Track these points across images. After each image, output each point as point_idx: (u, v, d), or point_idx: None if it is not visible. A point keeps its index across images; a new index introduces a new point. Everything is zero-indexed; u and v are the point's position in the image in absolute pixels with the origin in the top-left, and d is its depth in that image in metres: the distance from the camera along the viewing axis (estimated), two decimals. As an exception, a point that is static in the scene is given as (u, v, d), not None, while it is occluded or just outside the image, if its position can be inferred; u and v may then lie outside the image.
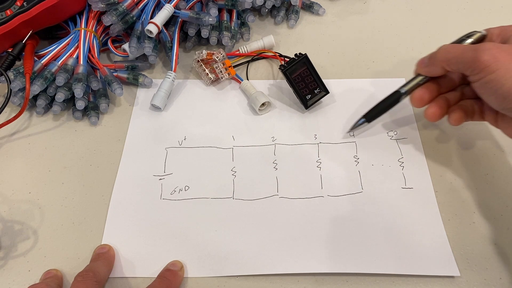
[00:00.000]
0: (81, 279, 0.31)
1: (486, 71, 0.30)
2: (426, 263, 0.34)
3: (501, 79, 0.29)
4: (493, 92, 0.30)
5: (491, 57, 0.29)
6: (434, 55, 0.35)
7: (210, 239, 0.36)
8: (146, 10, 0.46)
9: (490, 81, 0.30)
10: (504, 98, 0.30)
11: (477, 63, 0.30)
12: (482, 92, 0.32)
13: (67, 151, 0.42)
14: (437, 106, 0.36)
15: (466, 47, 0.32)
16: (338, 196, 0.38)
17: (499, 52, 0.29)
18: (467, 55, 0.31)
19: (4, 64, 0.43)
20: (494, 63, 0.29)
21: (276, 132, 0.43)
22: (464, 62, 0.31)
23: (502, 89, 0.29)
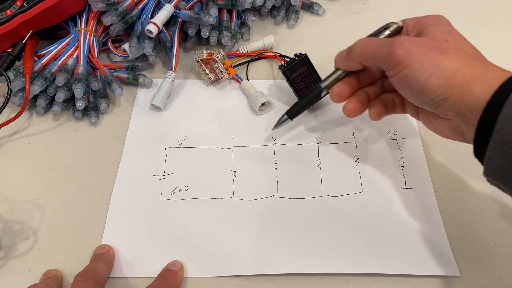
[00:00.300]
0: (81, 279, 0.31)
1: (401, 66, 0.29)
2: (426, 263, 0.34)
3: (415, 74, 0.28)
4: (408, 87, 0.30)
5: (404, 51, 0.29)
6: (351, 49, 0.33)
7: (210, 239, 0.36)
8: (146, 10, 0.46)
9: (404, 76, 0.29)
10: (419, 92, 0.29)
11: (392, 58, 0.29)
12: (399, 87, 0.31)
13: (67, 151, 0.42)
14: (356, 101, 0.35)
15: (382, 42, 0.31)
16: (338, 196, 0.38)
17: (413, 46, 0.29)
18: (382, 50, 0.30)
19: (4, 64, 0.43)
20: (408, 58, 0.28)
21: (276, 132, 0.43)
22: (380, 57, 0.30)
23: (416, 84, 0.29)
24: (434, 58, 0.28)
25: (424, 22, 0.32)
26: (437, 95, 0.28)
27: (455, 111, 0.28)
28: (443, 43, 0.29)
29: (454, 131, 0.30)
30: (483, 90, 0.26)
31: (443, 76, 0.27)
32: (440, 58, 0.28)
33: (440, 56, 0.28)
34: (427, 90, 0.28)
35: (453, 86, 0.27)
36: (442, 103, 0.28)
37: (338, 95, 0.36)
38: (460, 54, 0.28)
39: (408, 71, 0.29)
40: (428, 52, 0.28)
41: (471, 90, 0.27)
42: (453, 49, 0.29)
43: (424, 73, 0.28)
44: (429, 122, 0.33)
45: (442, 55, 0.28)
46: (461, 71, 0.27)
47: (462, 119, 0.28)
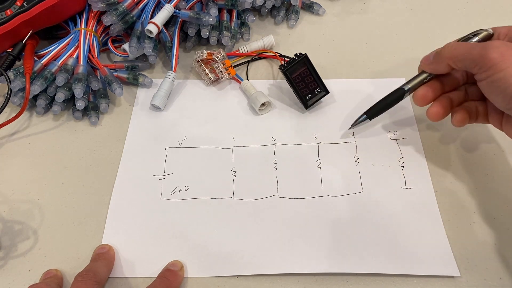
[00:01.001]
0: (81, 279, 0.31)
1: (494, 69, 0.29)
2: (426, 263, 0.34)
3: (510, 78, 0.28)
4: (500, 91, 0.29)
5: (499, 55, 0.29)
6: (440, 52, 0.34)
7: (210, 239, 0.36)
8: (146, 10, 0.46)
9: (497, 80, 0.29)
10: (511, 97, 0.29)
11: (485, 60, 0.29)
12: (489, 91, 0.31)
13: (67, 151, 0.42)
14: (440, 106, 0.35)
15: (474, 45, 0.31)
16: (338, 196, 0.38)
17: (508, 50, 0.29)
18: (475, 52, 0.30)
19: (4, 64, 0.43)
20: (503, 61, 0.28)
21: (276, 132, 0.43)
22: (472, 59, 0.30)
23: (510, 88, 0.28)
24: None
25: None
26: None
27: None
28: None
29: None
30: None
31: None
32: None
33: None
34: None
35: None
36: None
37: (422, 98, 0.36)
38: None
39: (502, 75, 0.28)
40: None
41: None
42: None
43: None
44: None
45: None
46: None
47: None
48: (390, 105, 0.39)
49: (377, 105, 0.39)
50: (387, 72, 0.47)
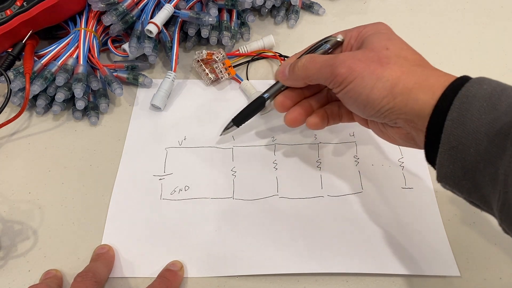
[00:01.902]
0: (80, 280, 0.31)
1: (344, 83, 0.29)
2: (426, 263, 0.34)
3: (358, 88, 0.29)
4: (353, 102, 0.30)
5: (346, 69, 0.29)
6: (293, 71, 0.34)
7: (210, 239, 0.36)
8: (146, 10, 0.46)
9: (348, 91, 0.30)
10: (364, 106, 0.29)
11: (336, 77, 0.30)
12: (345, 102, 0.31)
13: (67, 151, 0.42)
14: (299, 111, 0.36)
15: (323, 63, 0.31)
16: (338, 196, 0.38)
17: (354, 62, 0.29)
18: (325, 71, 0.31)
19: (4, 64, 0.43)
20: (351, 74, 0.29)
21: (276, 132, 0.43)
22: (324, 78, 0.31)
23: (360, 98, 0.29)
24: (375, 70, 0.28)
25: (364, 32, 0.33)
26: (382, 106, 0.28)
27: (403, 119, 0.28)
28: (384, 51, 0.29)
29: (405, 138, 0.30)
30: (427, 97, 0.26)
31: (385, 87, 0.28)
32: (381, 69, 0.28)
33: (381, 67, 0.28)
34: (371, 103, 0.28)
35: (396, 96, 0.27)
36: (388, 113, 0.28)
37: (281, 106, 0.36)
38: (401, 62, 0.29)
39: (351, 86, 0.29)
40: (369, 65, 0.29)
41: (414, 97, 0.27)
42: (394, 57, 0.29)
43: (366, 87, 0.28)
44: (379, 131, 0.33)
45: (383, 66, 0.28)
46: (402, 79, 0.27)
47: (411, 125, 0.28)
48: (254, 112, 0.39)
49: (242, 113, 0.39)
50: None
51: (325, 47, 0.35)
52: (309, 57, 0.33)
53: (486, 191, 0.24)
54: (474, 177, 0.25)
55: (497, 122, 0.23)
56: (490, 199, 0.24)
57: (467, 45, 0.50)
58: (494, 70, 0.48)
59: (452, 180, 0.26)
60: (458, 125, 0.24)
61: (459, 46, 0.50)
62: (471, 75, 0.38)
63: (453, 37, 0.51)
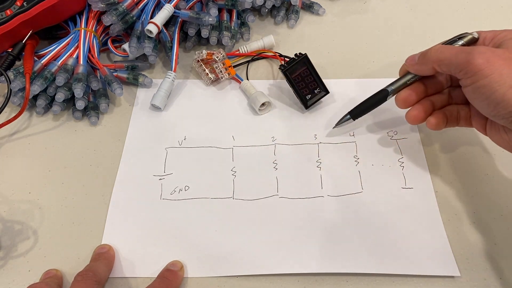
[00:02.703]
0: (80, 279, 0.31)
1: (479, 75, 0.28)
2: (426, 263, 0.34)
3: (494, 85, 0.28)
4: (485, 98, 0.29)
5: (485, 60, 0.28)
6: (426, 54, 0.33)
7: (210, 239, 0.36)
8: (146, 10, 0.46)
9: (482, 86, 0.29)
10: (496, 104, 0.28)
11: (471, 66, 0.29)
12: (474, 97, 0.30)
13: (67, 151, 0.42)
14: (420, 109, 0.35)
15: (460, 49, 0.31)
16: (338, 196, 0.38)
17: (493, 56, 0.28)
18: (461, 57, 0.30)
19: (4, 64, 0.43)
20: (488, 68, 0.28)
21: (276, 132, 0.43)
22: (457, 64, 0.30)
23: (494, 95, 0.28)
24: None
25: (503, 35, 0.32)
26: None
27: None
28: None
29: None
30: None
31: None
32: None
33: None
34: (506, 102, 0.28)
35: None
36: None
37: (404, 101, 0.36)
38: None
39: (487, 81, 0.28)
40: (509, 64, 0.28)
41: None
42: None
43: (504, 85, 0.27)
44: (499, 137, 0.32)
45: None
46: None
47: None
48: (374, 106, 0.39)
49: (361, 106, 0.39)
50: (387, 72, 0.47)
51: (459, 43, 0.34)
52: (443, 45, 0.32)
53: None
54: None
55: None
56: None
57: (467, 45, 0.50)
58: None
59: None
60: None
61: (459, 46, 0.50)
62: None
63: (453, 37, 0.51)
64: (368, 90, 0.45)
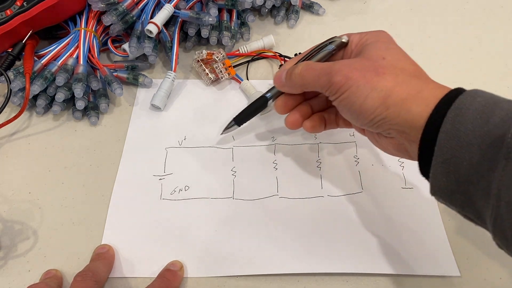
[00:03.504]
0: (80, 279, 0.31)
1: (340, 92, 0.29)
2: (426, 263, 0.34)
3: (352, 97, 0.29)
4: (347, 110, 0.30)
5: (342, 77, 0.29)
6: (291, 77, 0.34)
7: (210, 239, 0.36)
8: (146, 10, 0.46)
9: (343, 100, 0.30)
10: (357, 115, 0.29)
11: (332, 85, 0.30)
12: (340, 110, 0.32)
13: (67, 151, 0.42)
14: (298, 114, 0.36)
15: (320, 71, 0.31)
16: (338, 196, 0.38)
17: (351, 71, 0.29)
18: (322, 80, 0.31)
19: (4, 64, 0.43)
20: (346, 83, 0.29)
21: (276, 132, 0.43)
22: (320, 86, 0.31)
23: (354, 107, 0.29)
24: (370, 80, 0.28)
25: (365, 39, 0.33)
26: (374, 116, 0.28)
27: (396, 130, 0.28)
28: (381, 61, 0.29)
29: (398, 148, 0.30)
30: (420, 108, 0.26)
31: (379, 97, 0.28)
32: (376, 79, 0.28)
33: (376, 77, 0.28)
34: (364, 112, 0.28)
35: (389, 106, 0.27)
36: (381, 123, 0.28)
37: (282, 107, 0.36)
38: (397, 72, 0.28)
39: (346, 95, 0.29)
40: (365, 75, 0.29)
41: (407, 108, 0.27)
42: (390, 67, 0.29)
43: (360, 96, 0.28)
44: (374, 140, 0.33)
45: (379, 75, 0.28)
46: (396, 90, 0.27)
47: (404, 136, 0.28)
48: (256, 111, 0.39)
49: (244, 112, 0.39)
50: (387, 72, 0.47)
51: (330, 48, 0.34)
52: (305, 65, 0.33)
53: (479, 205, 0.24)
54: (467, 190, 0.25)
55: (489, 135, 0.23)
56: (484, 213, 0.24)
57: (467, 45, 0.50)
58: (494, 70, 0.47)
59: (445, 193, 0.26)
60: (451, 138, 0.24)
61: (459, 46, 0.50)
62: (471, 75, 0.38)
63: (453, 37, 0.51)
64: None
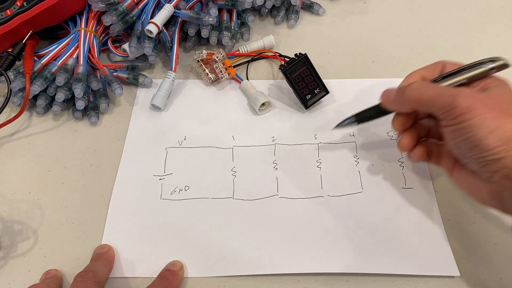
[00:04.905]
0: (80, 280, 0.31)
1: (462, 118, 0.28)
2: (426, 263, 0.34)
3: (475, 128, 0.28)
4: (463, 139, 0.29)
5: (469, 104, 0.28)
6: (404, 92, 0.32)
7: (210, 239, 0.36)
8: (146, 10, 0.46)
9: (463, 128, 0.28)
10: (473, 146, 0.28)
11: (455, 108, 0.29)
12: (451, 137, 0.30)
13: (67, 151, 0.42)
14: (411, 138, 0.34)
15: (443, 90, 0.30)
16: (338, 196, 0.38)
17: (477, 101, 0.28)
18: (444, 99, 0.29)
19: (4, 64, 0.43)
20: (471, 112, 0.28)
21: (276, 132, 0.43)
22: (441, 106, 0.30)
23: (473, 138, 0.28)
24: (496, 117, 0.28)
25: (490, 81, 0.31)
26: (491, 154, 0.27)
27: (502, 174, 0.27)
28: (507, 105, 0.29)
29: (493, 196, 0.29)
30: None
31: (503, 138, 0.27)
32: (502, 119, 0.27)
33: (502, 117, 0.28)
34: (483, 147, 0.28)
35: (510, 149, 0.27)
36: (493, 163, 0.28)
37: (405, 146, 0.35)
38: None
39: (469, 124, 0.28)
40: (491, 111, 0.28)
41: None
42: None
43: (485, 130, 0.27)
44: (464, 181, 0.32)
45: (505, 117, 0.28)
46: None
47: (509, 184, 0.27)
48: (383, 113, 0.36)
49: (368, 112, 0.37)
50: (387, 72, 0.47)
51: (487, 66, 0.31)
52: (423, 82, 0.32)
53: None
54: None
55: None
56: None
57: (467, 45, 0.50)
58: (494, 70, 0.47)
59: None
60: None
61: (459, 46, 0.50)
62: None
63: (453, 37, 0.51)
64: (368, 90, 0.46)
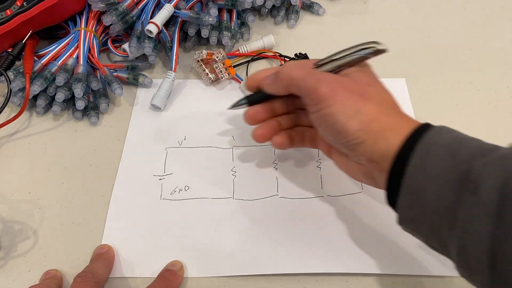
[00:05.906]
0: (80, 280, 0.31)
1: (323, 104, 0.29)
2: (426, 263, 0.34)
3: (336, 114, 0.28)
4: (327, 126, 0.29)
5: (329, 90, 0.29)
6: (278, 73, 0.32)
7: (210, 239, 0.36)
8: (146, 10, 0.46)
9: (325, 115, 0.29)
10: (337, 133, 0.29)
11: (316, 93, 0.29)
12: (318, 124, 0.31)
13: (67, 151, 0.42)
14: (266, 129, 0.35)
15: (309, 73, 0.30)
16: (338, 196, 0.38)
17: (339, 86, 0.29)
18: (309, 82, 0.29)
19: (4, 64, 0.43)
20: (332, 97, 0.28)
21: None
22: (305, 88, 0.30)
23: (336, 124, 0.28)
24: (356, 102, 0.28)
25: None
26: (354, 138, 0.28)
27: (366, 157, 0.28)
28: (367, 87, 0.30)
29: (366, 175, 0.30)
30: (395, 140, 0.27)
31: (362, 121, 0.28)
32: (361, 103, 0.28)
33: (362, 101, 0.28)
34: (345, 132, 0.28)
35: (369, 132, 0.28)
36: (356, 147, 0.28)
37: (251, 118, 0.35)
38: (381, 101, 0.29)
39: (330, 110, 0.29)
40: (351, 95, 0.29)
41: (385, 138, 0.27)
42: (375, 95, 0.29)
43: (345, 115, 0.28)
44: (341, 163, 0.33)
45: (364, 100, 0.28)
46: (378, 118, 0.28)
47: (373, 165, 0.28)
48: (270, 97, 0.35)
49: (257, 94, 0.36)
50: (387, 72, 0.47)
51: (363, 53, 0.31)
52: (296, 62, 0.32)
53: (445, 236, 0.25)
54: (433, 221, 0.25)
55: (456, 170, 0.24)
56: (448, 243, 0.25)
57: (467, 45, 0.50)
58: (494, 70, 0.47)
59: (412, 223, 0.27)
60: (419, 171, 0.25)
61: (459, 46, 0.50)
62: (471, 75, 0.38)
63: (453, 37, 0.51)
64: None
